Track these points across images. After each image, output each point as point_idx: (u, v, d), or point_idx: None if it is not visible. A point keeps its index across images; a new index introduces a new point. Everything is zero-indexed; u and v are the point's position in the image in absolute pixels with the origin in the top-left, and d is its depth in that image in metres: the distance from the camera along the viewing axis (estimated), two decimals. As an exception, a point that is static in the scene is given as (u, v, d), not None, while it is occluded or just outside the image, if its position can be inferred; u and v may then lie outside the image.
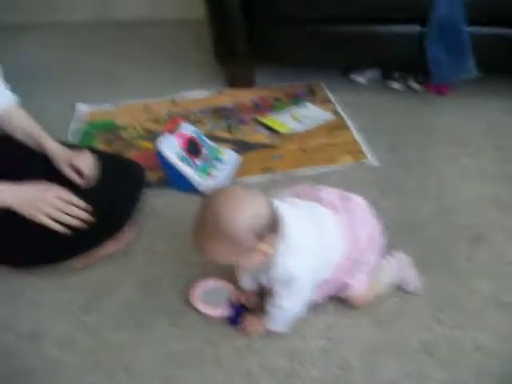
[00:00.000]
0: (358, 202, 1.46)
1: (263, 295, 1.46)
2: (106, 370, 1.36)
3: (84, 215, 1.52)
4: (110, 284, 1.60)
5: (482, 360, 1.33)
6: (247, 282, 1.49)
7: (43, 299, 1.57)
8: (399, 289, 1.51)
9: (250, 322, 1.43)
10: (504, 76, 2.49)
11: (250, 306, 1.48)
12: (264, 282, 1.39)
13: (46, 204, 1.50)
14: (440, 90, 2.47)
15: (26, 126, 1.71)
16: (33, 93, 1.80)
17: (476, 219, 1.75)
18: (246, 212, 1.17)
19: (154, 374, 1.35)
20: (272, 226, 1.21)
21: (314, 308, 1.46)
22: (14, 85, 1.76)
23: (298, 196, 1.46)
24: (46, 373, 1.37)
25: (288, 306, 1.34)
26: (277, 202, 1.26)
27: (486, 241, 1.67)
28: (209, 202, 1.22)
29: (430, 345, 1.37)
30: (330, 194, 1.46)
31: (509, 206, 1.81)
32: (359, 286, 1.41)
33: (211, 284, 1.55)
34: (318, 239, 1.34)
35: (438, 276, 1.55)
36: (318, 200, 1.44)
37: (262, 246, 1.21)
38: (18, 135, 1.71)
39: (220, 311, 1.47)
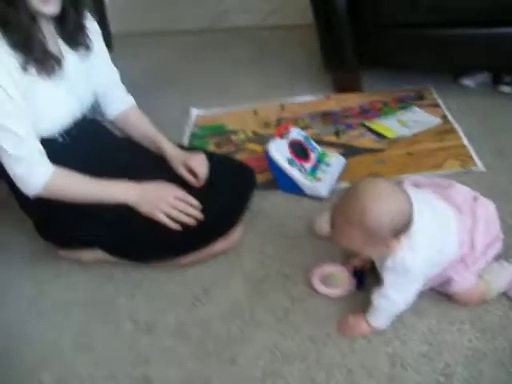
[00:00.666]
0: (487, 207, 1.47)
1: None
2: (214, 360, 1.44)
3: (198, 214, 1.61)
4: (220, 280, 1.68)
5: None
6: (363, 259, 1.57)
7: (159, 291, 1.67)
8: (508, 298, 1.49)
9: (354, 320, 1.46)
10: None
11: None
12: (378, 264, 1.43)
13: (165, 203, 1.59)
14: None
15: (143, 128, 1.84)
16: (149, 97, 1.92)
17: None
18: (391, 209, 1.23)
19: (258, 368, 1.40)
20: (408, 224, 1.27)
21: (417, 311, 1.47)
22: (132, 89, 1.88)
23: (427, 187, 1.49)
24: (159, 360, 1.46)
25: (394, 297, 1.36)
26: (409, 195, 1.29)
27: None
28: (357, 190, 1.27)
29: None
30: (459, 192, 1.48)
31: None
32: (464, 284, 1.41)
33: (327, 269, 1.62)
34: (439, 237, 1.36)
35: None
36: (445, 197, 1.45)
37: (394, 242, 1.27)
38: (136, 136, 1.84)
39: (339, 291, 1.56)
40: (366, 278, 1.57)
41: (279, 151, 1.90)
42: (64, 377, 1.45)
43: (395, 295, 1.36)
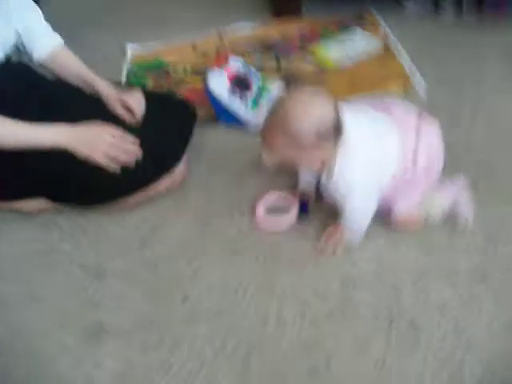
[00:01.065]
0: (429, 123, 1.46)
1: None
2: (166, 300, 1.42)
3: (137, 151, 1.56)
4: (167, 219, 1.65)
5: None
6: (306, 184, 1.57)
7: (105, 235, 1.63)
8: (451, 217, 1.51)
9: (329, 233, 1.49)
10: None
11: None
12: (325, 188, 1.44)
13: (101, 141, 1.54)
14: (495, 16, 2.36)
15: (74, 68, 1.76)
16: (82, 34, 1.83)
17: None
18: (313, 113, 1.24)
19: (212, 302, 1.40)
20: (336, 130, 1.27)
21: (364, 236, 1.48)
22: (63, 26, 1.79)
23: (367, 105, 1.48)
24: (110, 305, 1.44)
25: (359, 205, 1.40)
26: (344, 108, 1.31)
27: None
28: (281, 100, 1.30)
29: (481, 268, 1.38)
30: (402, 107, 1.48)
31: None
32: (406, 206, 1.43)
33: (272, 197, 1.62)
34: (377, 146, 1.37)
35: (490, 201, 1.54)
36: (388, 111, 1.45)
37: (323, 148, 1.28)
38: (68, 77, 1.76)
39: (285, 221, 1.55)
40: (310, 208, 1.57)
41: (219, 83, 1.85)
42: (15, 329, 1.41)
43: (357, 203, 1.39)
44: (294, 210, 1.57)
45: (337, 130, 1.27)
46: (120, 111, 1.68)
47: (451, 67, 2.13)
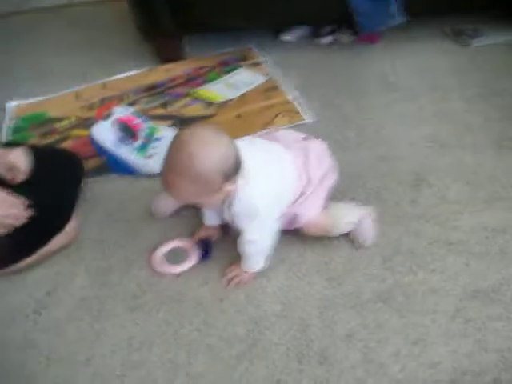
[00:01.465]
0: (316, 142, 1.55)
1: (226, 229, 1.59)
2: (69, 364, 1.35)
3: (25, 213, 1.50)
4: (63, 279, 1.58)
5: (437, 301, 1.37)
6: (210, 218, 1.57)
7: (-2, 304, 1.54)
8: (351, 240, 1.54)
9: (231, 271, 1.48)
10: (429, 18, 2.50)
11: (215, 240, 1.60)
12: (228, 218, 1.44)
13: None
14: (370, 39, 2.47)
15: None
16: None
17: (417, 162, 1.78)
18: (217, 152, 1.23)
19: (116, 363, 1.34)
20: (237, 167, 1.28)
21: (264, 273, 1.48)
22: None
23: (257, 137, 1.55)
24: (9, 380, 1.35)
25: (258, 238, 1.40)
26: (237, 142, 1.31)
27: (428, 184, 1.70)
28: (181, 142, 1.24)
29: (384, 293, 1.40)
30: (287, 134, 1.56)
31: (448, 146, 1.84)
32: (308, 214, 1.47)
33: (170, 245, 1.60)
34: (275, 170, 1.41)
35: (384, 223, 1.58)
36: (276, 140, 1.50)
37: (227, 186, 1.28)
38: None
39: (182, 267, 1.54)
40: (211, 247, 1.56)
41: (104, 134, 1.81)
42: None
43: (257, 236, 1.39)
44: (194, 255, 1.55)
45: (238, 165, 1.28)
46: (2, 172, 1.60)
47: (335, 93, 2.19)
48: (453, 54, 2.35)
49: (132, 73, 2.57)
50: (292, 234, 1.56)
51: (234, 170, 1.27)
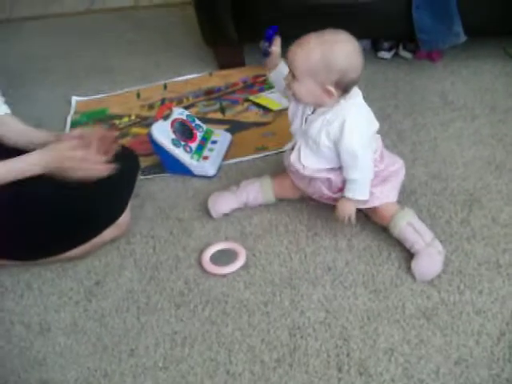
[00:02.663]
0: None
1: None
2: (113, 354, 1.40)
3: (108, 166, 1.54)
4: (112, 270, 1.62)
5: (481, 323, 1.35)
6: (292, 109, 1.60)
7: (49, 290, 1.59)
8: (397, 258, 1.54)
9: (338, 207, 1.55)
10: (491, 38, 2.47)
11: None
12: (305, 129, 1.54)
13: (73, 160, 1.51)
14: (431, 56, 2.45)
15: (25, 136, 1.68)
16: (25, 88, 1.81)
17: (471, 183, 1.76)
18: (350, 57, 1.40)
19: (159, 356, 1.37)
20: (350, 83, 1.43)
21: (311, 280, 1.50)
22: (5, 80, 1.76)
23: None
24: (55, 361, 1.40)
25: (360, 176, 1.49)
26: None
27: (481, 205, 1.68)
28: (335, 31, 1.41)
29: (429, 310, 1.39)
30: None
31: (504, 168, 1.81)
32: (385, 199, 1.55)
33: (219, 246, 1.63)
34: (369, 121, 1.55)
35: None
36: None
37: (331, 91, 1.41)
38: (10, 139, 1.68)
39: (230, 268, 1.56)
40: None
41: (163, 133, 1.85)
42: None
43: (360, 174, 1.48)
44: (241, 258, 1.57)
45: (352, 83, 1.44)
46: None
47: (392, 108, 2.18)
48: (514, 77, 2.33)
49: (192, 76, 2.61)
50: (341, 239, 1.57)
51: (347, 82, 1.42)
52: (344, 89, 1.43)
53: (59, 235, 1.57)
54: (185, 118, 1.95)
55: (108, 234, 1.65)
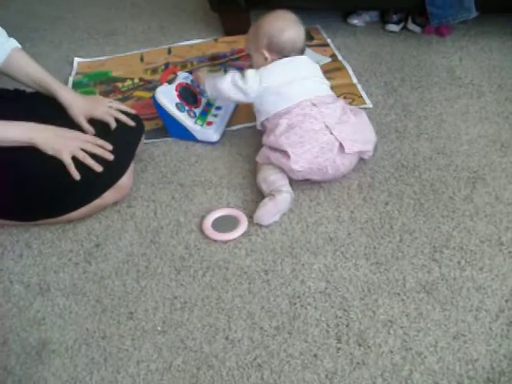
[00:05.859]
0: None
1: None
2: (112, 316, 1.40)
3: (108, 155, 1.56)
4: (112, 233, 1.62)
5: (481, 299, 1.35)
6: None
7: (48, 250, 1.59)
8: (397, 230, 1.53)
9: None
10: (502, 15, 2.45)
11: None
12: None
13: (75, 143, 1.54)
14: (439, 31, 2.42)
15: (31, 71, 1.70)
16: (27, 47, 1.78)
17: (476, 160, 1.75)
18: (281, 26, 1.71)
19: (158, 319, 1.37)
20: (281, 51, 1.72)
21: (312, 250, 1.50)
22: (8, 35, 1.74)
23: None
24: (54, 322, 1.40)
25: (224, 83, 1.75)
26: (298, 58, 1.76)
27: (485, 182, 1.67)
28: (275, 12, 1.77)
29: (429, 285, 1.39)
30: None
31: (509, 146, 1.80)
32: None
33: (221, 212, 1.63)
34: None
35: (436, 217, 1.57)
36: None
37: (264, 52, 1.72)
38: (25, 81, 1.71)
39: (231, 235, 1.56)
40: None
41: (167, 97, 1.82)
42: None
43: (226, 80, 1.74)
44: (242, 226, 1.57)
45: (283, 49, 1.71)
46: (85, 125, 1.66)
47: (399, 82, 2.16)
48: (524, 55, 2.30)
49: (197, 41, 2.58)
50: (343, 210, 1.57)
51: (277, 45, 1.70)
52: (278, 52, 1.71)
53: (59, 196, 1.56)
54: (189, 82, 1.93)
55: (109, 196, 1.63)
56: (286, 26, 1.71)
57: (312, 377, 1.22)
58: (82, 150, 1.53)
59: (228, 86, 1.73)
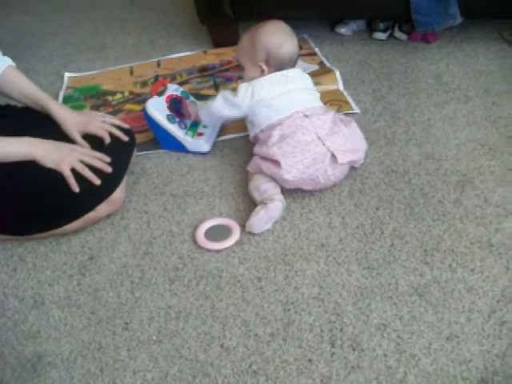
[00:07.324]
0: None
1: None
2: (107, 327, 1.40)
3: (106, 167, 1.58)
4: (106, 245, 1.62)
5: (473, 301, 1.37)
6: None
7: (42, 264, 1.59)
8: (390, 236, 1.55)
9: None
10: (487, 21, 2.48)
11: None
12: None
13: (73, 155, 1.55)
14: (426, 38, 2.46)
15: (24, 87, 1.72)
16: (18, 62, 1.79)
17: (464, 164, 1.77)
18: (278, 39, 1.71)
19: (153, 329, 1.38)
20: (278, 64, 1.73)
21: (305, 256, 1.51)
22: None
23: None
24: (50, 334, 1.40)
25: (215, 101, 1.77)
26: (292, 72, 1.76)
27: (473, 185, 1.69)
28: (266, 22, 1.76)
29: (421, 287, 1.40)
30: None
31: (497, 150, 1.82)
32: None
33: (213, 222, 1.64)
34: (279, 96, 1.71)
35: (426, 221, 1.58)
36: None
37: (263, 66, 1.72)
38: (18, 98, 1.73)
39: (224, 244, 1.57)
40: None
41: (157, 109, 1.84)
42: None
43: (217, 98, 1.76)
44: (235, 235, 1.58)
45: (281, 63, 1.72)
46: (79, 139, 1.67)
47: (387, 89, 2.19)
48: (509, 60, 2.32)
49: (186, 53, 2.60)
50: (334, 216, 1.58)
51: (275, 58, 1.70)
52: (276, 65, 1.73)
53: (53, 210, 1.57)
54: (179, 94, 1.94)
55: (102, 209, 1.64)
56: (284, 39, 1.72)
57: (307, 382, 1.23)
58: (81, 161, 1.55)
59: (220, 104, 1.74)
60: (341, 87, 2.21)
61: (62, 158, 1.53)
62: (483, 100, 2.07)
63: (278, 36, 1.71)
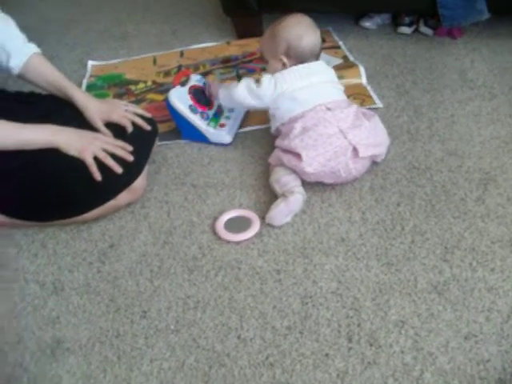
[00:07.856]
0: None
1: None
2: (125, 315, 1.41)
3: (128, 156, 1.59)
4: (126, 234, 1.64)
5: (492, 300, 1.35)
6: None
7: (63, 250, 1.61)
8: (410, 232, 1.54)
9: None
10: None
11: None
12: None
13: (95, 143, 1.56)
14: (451, 33, 2.43)
15: (48, 74, 1.72)
16: (42, 50, 1.81)
17: (487, 162, 1.75)
18: (298, 31, 1.71)
19: (171, 318, 1.39)
20: (300, 57, 1.72)
21: (324, 251, 1.51)
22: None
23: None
24: (69, 320, 1.42)
25: (238, 89, 1.77)
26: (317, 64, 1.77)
27: (496, 184, 1.67)
28: (290, 15, 1.77)
29: (440, 285, 1.39)
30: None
31: (520, 147, 1.81)
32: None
33: (233, 213, 1.64)
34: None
35: (447, 218, 1.57)
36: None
37: (283, 59, 1.72)
38: (43, 85, 1.73)
39: (244, 235, 1.57)
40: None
41: (180, 99, 1.84)
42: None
43: (240, 86, 1.77)
44: (255, 227, 1.58)
45: (301, 56, 1.71)
46: (101, 128, 1.67)
47: (411, 84, 2.17)
48: (536, 57, 2.30)
49: (209, 44, 2.60)
50: (355, 211, 1.58)
51: (295, 51, 1.70)
52: (297, 58, 1.72)
53: (76, 196, 1.59)
54: (202, 84, 1.94)
55: (123, 198, 1.65)
56: (304, 32, 1.71)
57: (323, 376, 1.23)
58: (103, 150, 1.56)
59: (243, 92, 1.74)
60: (364, 81, 2.19)
61: (85, 146, 1.54)
62: (508, 97, 2.04)
63: (298, 28, 1.71)
